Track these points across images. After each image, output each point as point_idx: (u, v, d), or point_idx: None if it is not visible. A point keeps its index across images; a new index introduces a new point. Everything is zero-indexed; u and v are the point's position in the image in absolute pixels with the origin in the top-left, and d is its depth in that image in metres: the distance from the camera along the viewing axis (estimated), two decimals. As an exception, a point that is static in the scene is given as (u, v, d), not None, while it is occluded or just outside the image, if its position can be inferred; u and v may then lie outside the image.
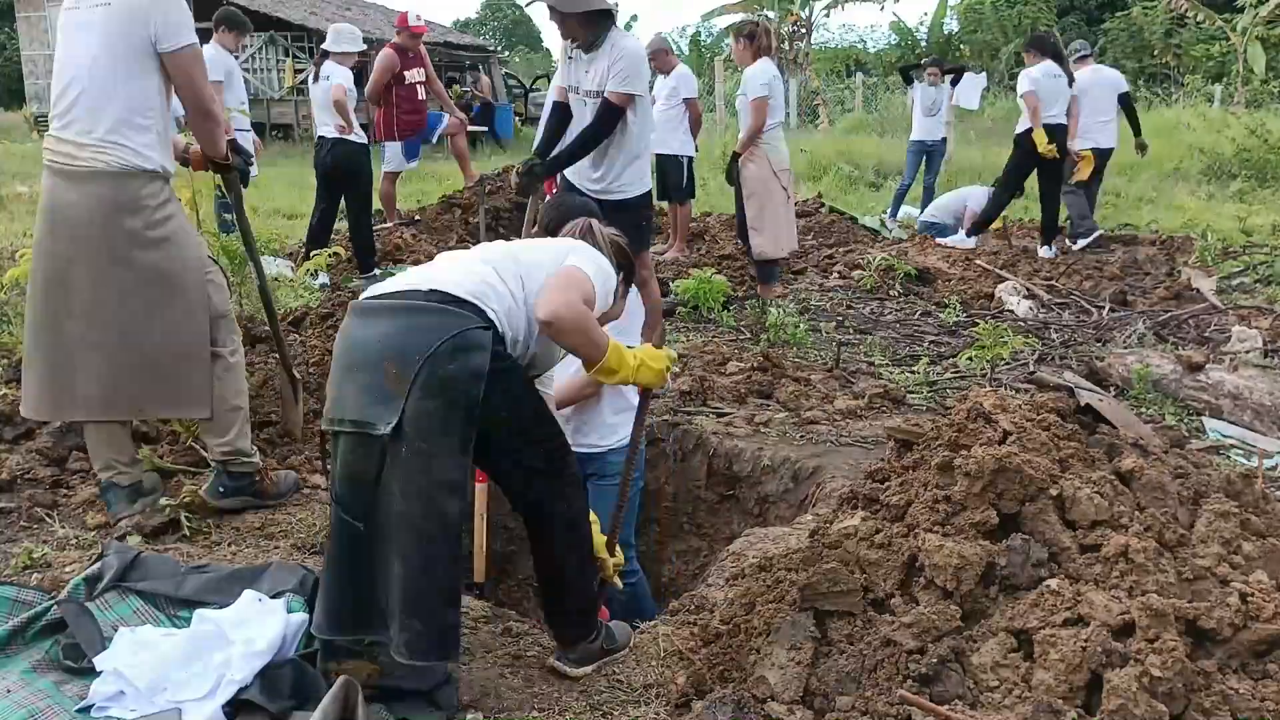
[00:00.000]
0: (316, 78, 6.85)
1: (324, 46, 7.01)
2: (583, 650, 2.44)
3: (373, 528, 2.09)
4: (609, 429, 3.25)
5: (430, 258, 7.74)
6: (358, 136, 6.69)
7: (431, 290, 2.11)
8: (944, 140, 9.64)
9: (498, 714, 2.26)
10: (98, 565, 2.58)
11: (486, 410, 2.06)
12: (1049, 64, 7.53)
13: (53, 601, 2.46)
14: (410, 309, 2.10)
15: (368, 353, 2.07)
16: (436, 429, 2.02)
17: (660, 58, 8.20)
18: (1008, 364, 5.01)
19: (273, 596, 2.43)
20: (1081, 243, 7.80)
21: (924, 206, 9.55)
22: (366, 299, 2.19)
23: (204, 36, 2.66)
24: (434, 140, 8.16)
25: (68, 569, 2.78)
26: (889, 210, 9.92)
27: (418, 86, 7.53)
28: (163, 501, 3.11)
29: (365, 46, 7.18)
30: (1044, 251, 7.65)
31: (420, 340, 2.02)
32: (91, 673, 2.22)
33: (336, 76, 6.74)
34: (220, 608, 2.39)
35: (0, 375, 4.06)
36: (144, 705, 2.13)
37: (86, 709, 2.14)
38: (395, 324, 2.08)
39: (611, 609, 3.53)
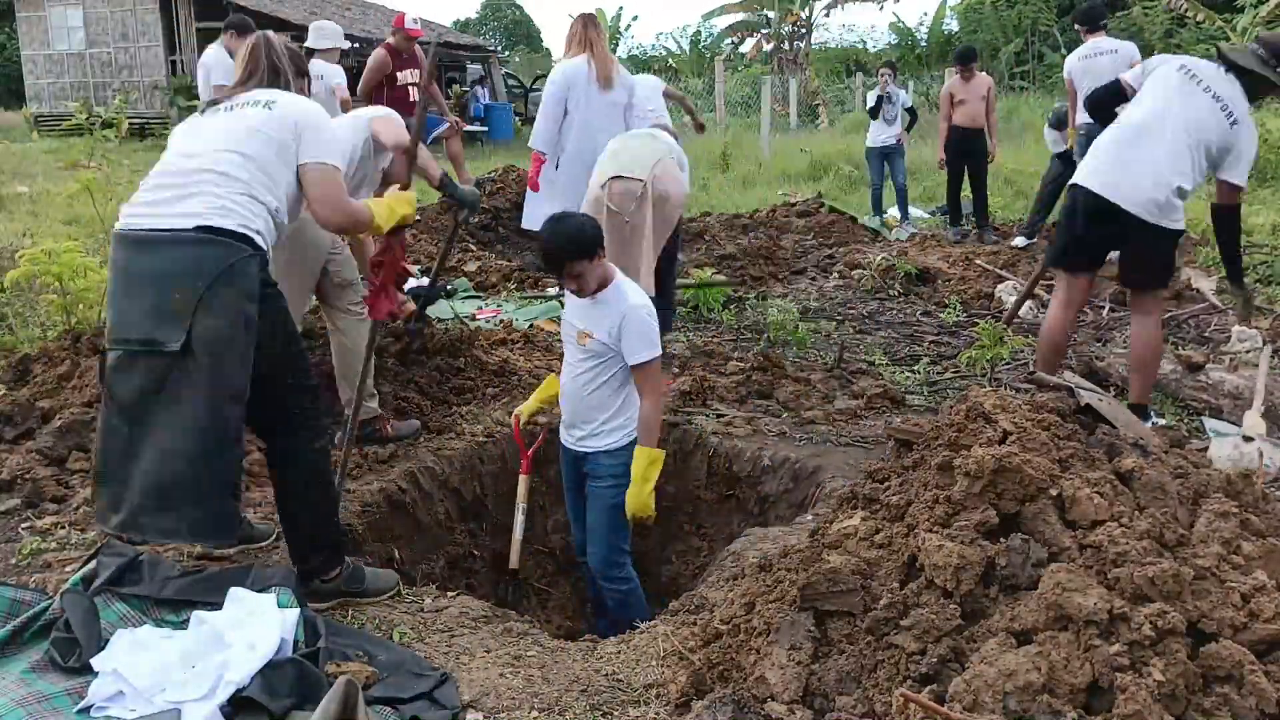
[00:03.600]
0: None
1: (307, 44, 7.00)
2: (317, 585, 2.69)
3: (150, 431, 2.41)
4: (606, 431, 3.25)
5: (430, 257, 7.73)
6: None
7: (199, 227, 2.40)
8: (899, 142, 9.68)
9: (497, 714, 2.26)
10: (93, 564, 2.58)
11: (258, 329, 2.42)
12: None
13: (52, 600, 2.46)
14: (184, 241, 2.40)
15: (146, 280, 2.41)
16: (223, 343, 2.37)
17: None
18: (1008, 364, 5.01)
19: (259, 591, 2.44)
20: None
21: (901, 207, 9.68)
22: (133, 230, 2.47)
23: (209, 37, 2.69)
24: (428, 142, 8.16)
25: (68, 569, 2.78)
26: (872, 213, 9.95)
27: (410, 88, 7.51)
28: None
29: (349, 44, 7.17)
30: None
31: (200, 268, 2.37)
32: (90, 673, 2.22)
33: (332, 75, 6.74)
34: (205, 608, 2.40)
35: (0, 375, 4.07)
36: (143, 705, 2.13)
37: (86, 709, 2.14)
38: (174, 255, 2.40)
39: (603, 614, 3.56)
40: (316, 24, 7.14)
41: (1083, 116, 7.39)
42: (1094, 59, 7.43)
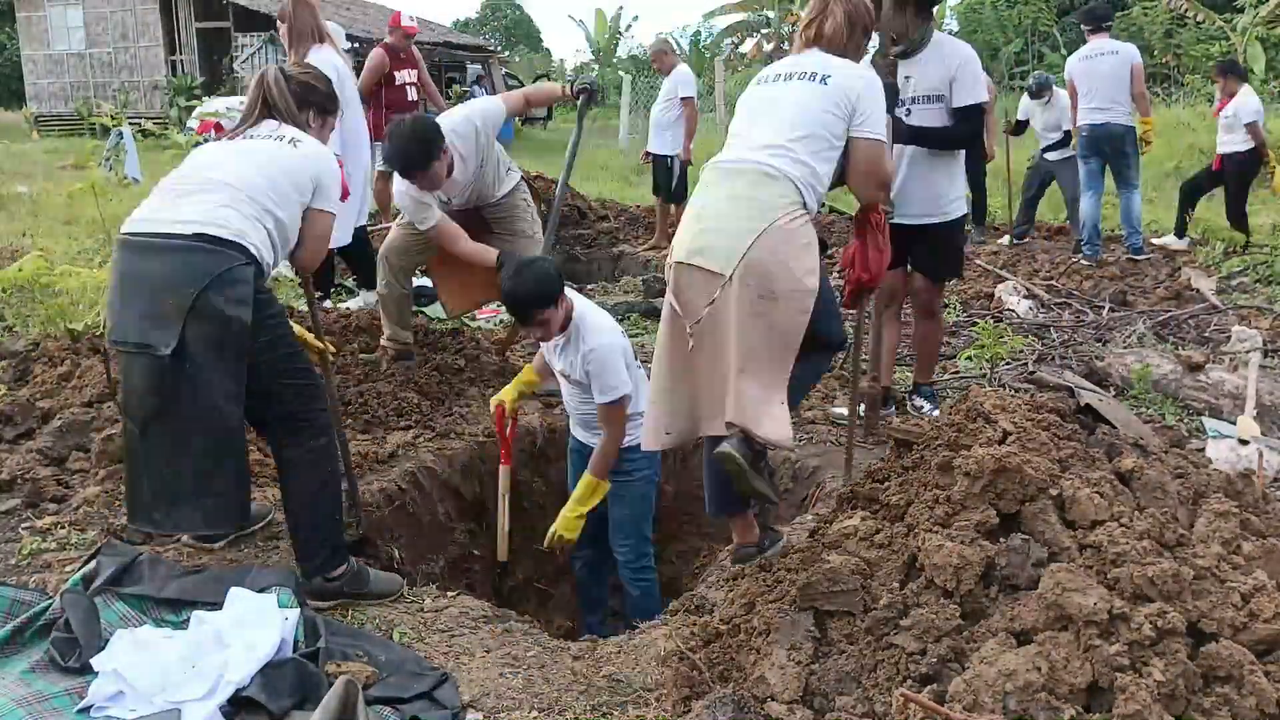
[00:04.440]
0: None
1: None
2: (319, 584, 2.69)
3: (156, 431, 2.48)
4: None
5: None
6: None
7: (197, 234, 2.44)
8: None
9: (497, 714, 2.26)
10: (93, 564, 2.58)
11: (252, 334, 2.46)
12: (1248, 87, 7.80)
13: (52, 600, 2.46)
14: (180, 249, 2.44)
15: (142, 285, 2.46)
16: (213, 349, 2.42)
17: (661, 58, 8.29)
18: (1008, 364, 5.01)
19: (259, 591, 2.44)
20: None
21: None
22: (134, 234, 2.51)
23: (209, 37, 2.67)
24: None
25: (68, 569, 2.78)
26: None
27: (408, 88, 7.46)
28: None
29: (351, 45, 7.12)
30: (1177, 243, 7.77)
31: (192, 275, 2.40)
32: (90, 673, 2.22)
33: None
34: (205, 607, 2.40)
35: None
36: (143, 705, 2.13)
37: (86, 709, 2.14)
38: (170, 262, 2.44)
39: (594, 611, 3.56)
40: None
41: (1085, 118, 7.41)
42: (1095, 60, 7.42)
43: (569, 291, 3.15)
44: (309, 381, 2.69)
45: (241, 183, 2.56)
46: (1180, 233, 7.86)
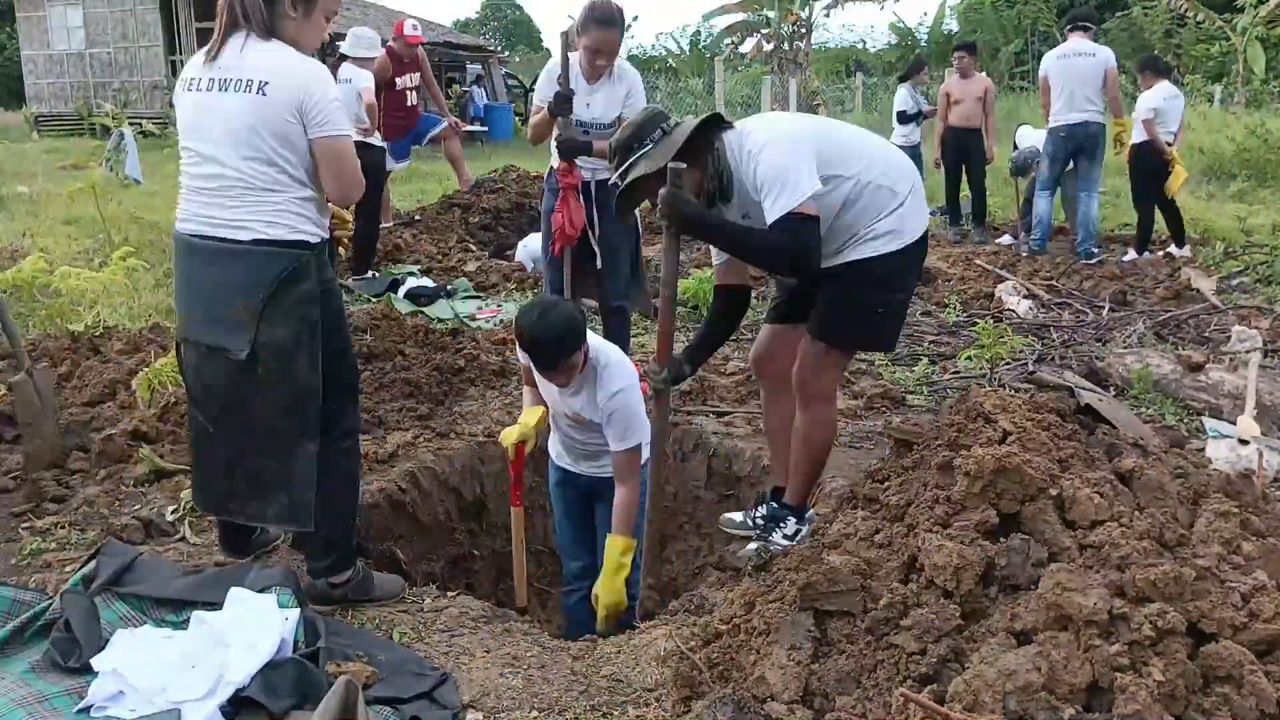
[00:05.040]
0: (336, 80, 6.85)
1: (343, 49, 7.06)
2: (323, 588, 2.70)
3: (229, 425, 2.54)
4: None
5: (430, 257, 7.71)
6: (377, 139, 6.75)
7: (254, 240, 2.42)
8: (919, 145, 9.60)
9: (497, 714, 2.26)
10: (93, 565, 2.58)
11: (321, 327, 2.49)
12: (1167, 85, 7.71)
13: (52, 600, 2.46)
14: (240, 254, 2.43)
15: (210, 288, 2.49)
16: (289, 350, 2.45)
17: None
18: (1008, 364, 5.01)
19: (260, 592, 2.44)
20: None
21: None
22: (191, 234, 2.50)
23: (208, 37, 2.63)
24: (424, 142, 8.17)
25: (67, 569, 2.78)
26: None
27: (408, 92, 7.60)
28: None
29: (381, 52, 7.21)
30: (1180, 251, 7.69)
31: (259, 279, 2.42)
32: (90, 673, 2.22)
33: (360, 80, 6.79)
34: (206, 607, 2.40)
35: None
36: (143, 705, 2.13)
37: (86, 709, 2.13)
38: (233, 266, 2.44)
39: (579, 627, 3.47)
40: (355, 31, 7.16)
41: (1062, 118, 7.45)
42: (1072, 59, 7.47)
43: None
44: (350, 382, 2.69)
45: (259, 176, 2.43)
46: (1180, 241, 7.83)
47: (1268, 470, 3.46)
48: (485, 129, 20.20)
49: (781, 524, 2.97)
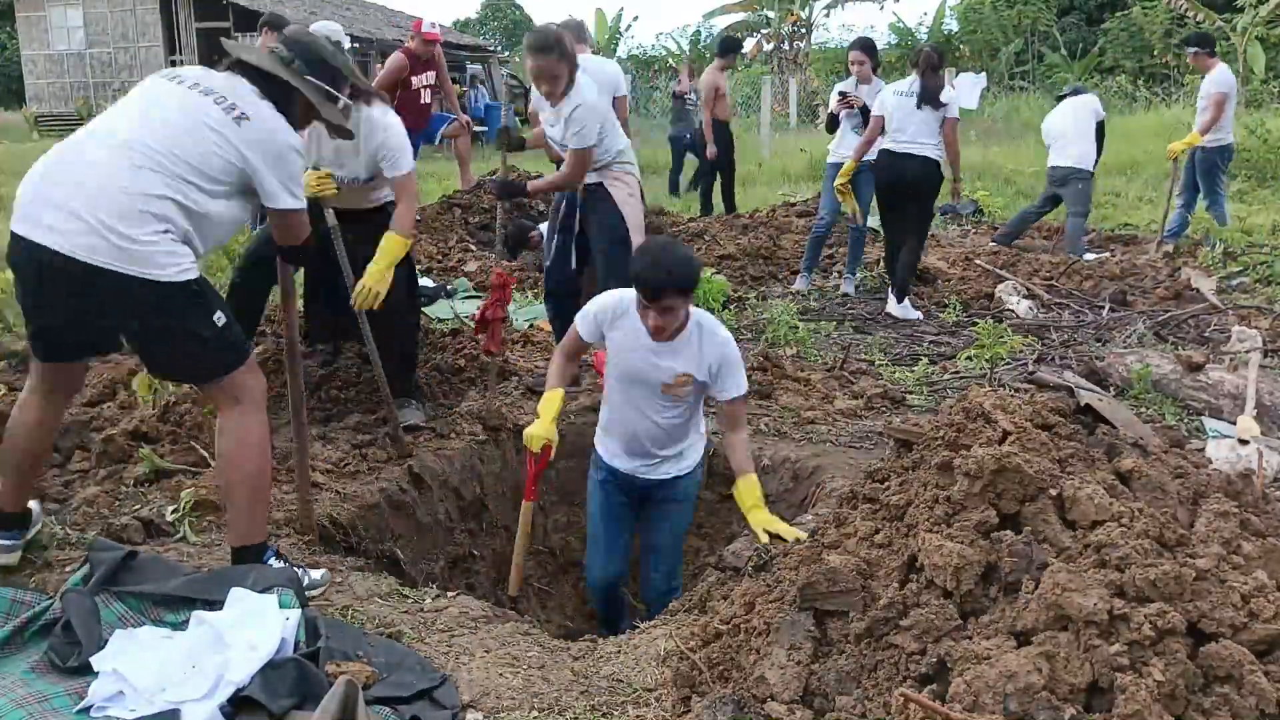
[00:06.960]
0: None
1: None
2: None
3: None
4: (683, 454, 3.17)
5: (430, 257, 7.70)
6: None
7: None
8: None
9: (497, 714, 2.26)
10: (88, 566, 2.58)
11: None
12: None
13: (52, 601, 2.46)
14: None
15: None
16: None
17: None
18: (1007, 364, 5.01)
19: (260, 592, 2.43)
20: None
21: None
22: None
23: (209, 37, 2.61)
24: (436, 141, 8.17)
25: (67, 569, 2.78)
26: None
27: (423, 91, 7.56)
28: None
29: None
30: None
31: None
32: (90, 673, 2.22)
33: None
34: (206, 606, 2.39)
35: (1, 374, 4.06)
36: (143, 705, 2.13)
37: (86, 709, 2.13)
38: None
39: (613, 630, 3.46)
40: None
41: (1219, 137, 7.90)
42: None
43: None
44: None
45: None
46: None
47: (1268, 470, 3.46)
48: (485, 129, 20.20)
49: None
